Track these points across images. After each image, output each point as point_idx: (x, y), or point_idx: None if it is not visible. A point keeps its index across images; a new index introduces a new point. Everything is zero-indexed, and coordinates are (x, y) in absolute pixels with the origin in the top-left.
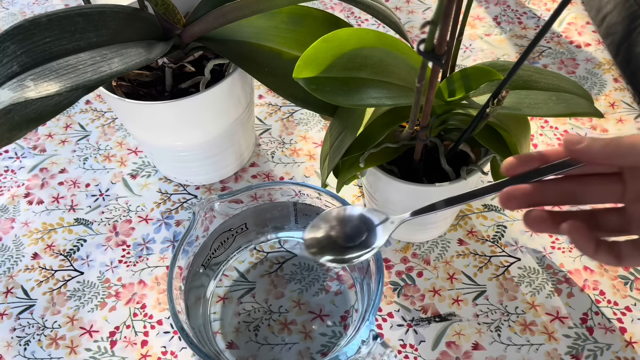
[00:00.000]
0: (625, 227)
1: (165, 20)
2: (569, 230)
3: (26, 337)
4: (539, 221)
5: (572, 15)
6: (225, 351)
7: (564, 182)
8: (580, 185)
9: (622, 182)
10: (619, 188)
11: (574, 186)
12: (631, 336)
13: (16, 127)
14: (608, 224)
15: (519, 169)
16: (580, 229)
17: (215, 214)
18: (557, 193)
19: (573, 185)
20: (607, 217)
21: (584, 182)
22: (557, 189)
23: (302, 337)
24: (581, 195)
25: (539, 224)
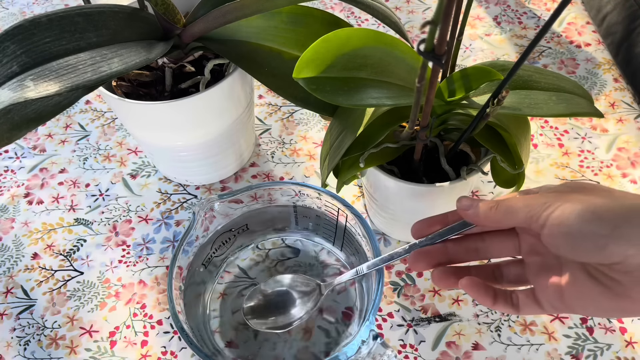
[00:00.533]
0: (524, 277)
1: (165, 20)
2: (465, 285)
3: (26, 337)
4: (443, 278)
5: (572, 15)
6: (225, 350)
7: (466, 240)
8: (481, 242)
9: (518, 237)
10: (515, 242)
11: (476, 243)
12: (631, 336)
13: (16, 127)
14: (509, 276)
15: (424, 232)
16: (476, 285)
17: (215, 214)
18: (461, 252)
19: (475, 243)
20: (509, 269)
21: (484, 239)
22: (461, 247)
23: (303, 335)
24: (483, 250)
25: (444, 280)
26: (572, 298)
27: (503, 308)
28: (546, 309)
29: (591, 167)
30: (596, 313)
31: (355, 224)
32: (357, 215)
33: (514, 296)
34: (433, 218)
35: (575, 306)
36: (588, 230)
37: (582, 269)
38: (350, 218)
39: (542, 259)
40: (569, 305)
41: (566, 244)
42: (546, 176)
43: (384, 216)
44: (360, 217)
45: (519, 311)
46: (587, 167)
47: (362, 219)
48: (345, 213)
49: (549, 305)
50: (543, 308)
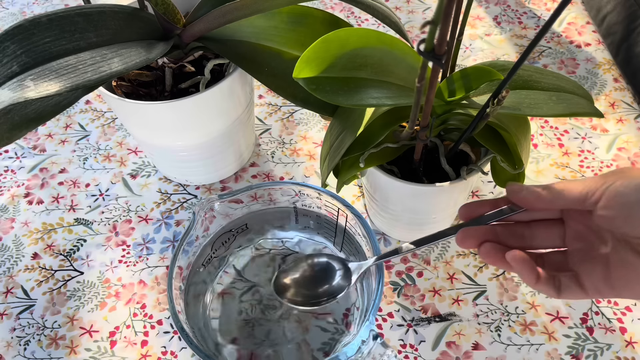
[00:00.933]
0: (567, 265)
1: (165, 20)
2: (512, 258)
3: (26, 337)
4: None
5: (572, 15)
6: (225, 348)
7: (514, 226)
8: (528, 229)
9: (564, 226)
10: (561, 231)
11: (523, 229)
12: (631, 336)
13: (16, 127)
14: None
15: (473, 213)
16: (523, 259)
17: (215, 214)
18: (507, 235)
19: (522, 229)
20: (552, 256)
21: (531, 227)
22: (508, 231)
23: (303, 334)
24: (529, 237)
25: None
26: (620, 280)
27: (545, 288)
28: (590, 294)
29: (591, 167)
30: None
31: (355, 224)
32: (357, 215)
33: (556, 279)
34: (482, 201)
35: (623, 289)
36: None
37: (630, 250)
38: (350, 218)
39: (588, 244)
40: (616, 288)
41: (622, 214)
42: (546, 176)
43: (384, 216)
44: (360, 217)
45: (560, 294)
46: (587, 167)
47: (362, 219)
48: (345, 213)
49: (593, 289)
50: (587, 292)
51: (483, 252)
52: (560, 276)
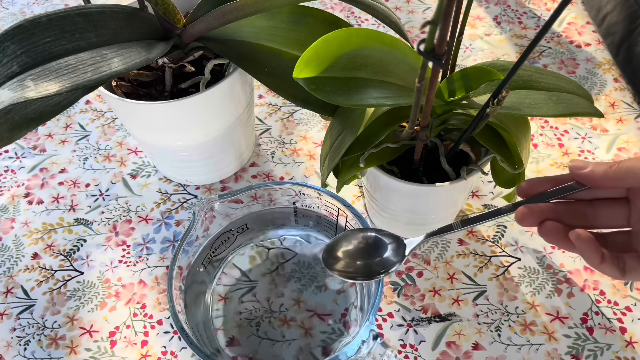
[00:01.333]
0: (631, 245)
1: (165, 20)
2: (577, 237)
3: (26, 337)
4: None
5: (572, 15)
6: (225, 349)
7: (576, 204)
8: (590, 208)
9: (628, 205)
10: (626, 211)
11: (585, 208)
12: (631, 336)
13: (16, 127)
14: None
15: (533, 190)
16: (587, 239)
17: (215, 214)
18: (569, 213)
19: (584, 208)
20: (616, 237)
21: (594, 205)
22: (570, 210)
23: (303, 334)
24: (592, 216)
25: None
26: None
27: (609, 269)
28: None
29: None
30: None
31: (355, 224)
32: (357, 215)
33: (620, 260)
34: (544, 178)
35: None
36: None
37: None
38: (350, 218)
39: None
40: None
41: None
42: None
43: (384, 216)
44: (360, 217)
45: (624, 275)
46: None
47: (362, 219)
48: (345, 213)
49: None
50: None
51: (544, 231)
52: (624, 257)
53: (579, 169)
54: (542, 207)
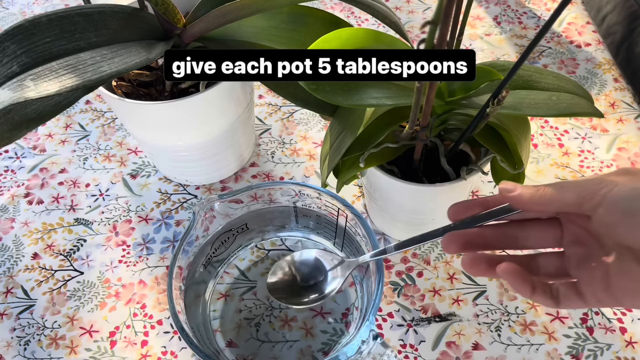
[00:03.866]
0: (564, 270)
1: (165, 20)
2: (504, 271)
3: (26, 337)
4: (474, 264)
5: (572, 15)
6: (225, 350)
7: (505, 227)
8: (521, 230)
9: (560, 226)
10: (558, 233)
11: (515, 230)
12: (631, 336)
13: (16, 127)
14: (548, 268)
15: (462, 214)
16: (515, 272)
17: (215, 214)
18: (498, 237)
19: (514, 230)
20: (547, 261)
21: (524, 227)
22: (499, 233)
23: (303, 335)
24: (523, 239)
25: (475, 266)
26: (621, 288)
27: (542, 299)
28: (589, 302)
29: (591, 167)
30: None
31: (355, 224)
32: (357, 215)
33: (553, 288)
34: (473, 201)
35: (623, 297)
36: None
37: (632, 257)
38: (350, 218)
39: (587, 249)
40: (616, 297)
41: (624, 222)
42: (546, 176)
43: (384, 216)
44: (360, 217)
45: (559, 304)
46: (587, 167)
47: (362, 219)
48: (345, 213)
49: (592, 297)
50: (586, 301)
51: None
52: (557, 285)
53: (508, 191)
54: (468, 234)
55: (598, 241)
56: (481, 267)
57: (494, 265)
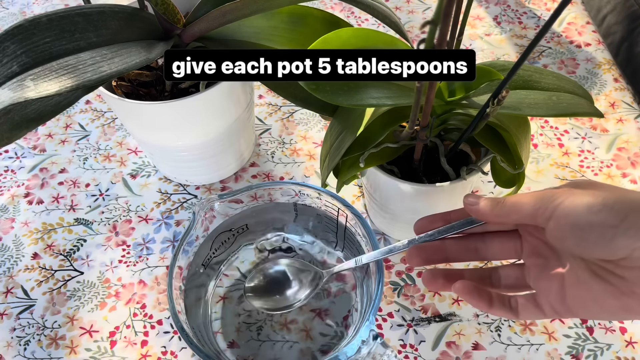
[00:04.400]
0: (523, 281)
1: (165, 20)
2: (458, 289)
3: (26, 337)
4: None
5: (572, 15)
6: (226, 351)
7: (467, 240)
8: (481, 243)
9: (520, 238)
10: (517, 244)
11: (476, 243)
12: (631, 336)
13: (16, 127)
14: (508, 279)
15: (425, 228)
16: (469, 289)
17: (215, 214)
18: (460, 250)
19: (475, 243)
20: (507, 272)
21: (485, 240)
22: (460, 246)
23: (303, 337)
24: (483, 251)
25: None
26: (575, 299)
27: (500, 312)
28: (547, 313)
29: (591, 167)
30: (599, 315)
31: (355, 224)
32: (357, 215)
33: (512, 300)
34: (436, 215)
35: (578, 308)
36: (596, 220)
37: (585, 268)
38: (350, 218)
39: (544, 261)
40: (571, 308)
41: (573, 236)
42: (546, 176)
43: (384, 216)
44: (360, 217)
45: (517, 316)
46: (587, 167)
47: (362, 219)
48: (345, 213)
49: (550, 308)
50: (544, 312)
51: (425, 280)
52: (516, 297)
53: (471, 204)
54: (429, 247)
55: (554, 252)
56: (439, 282)
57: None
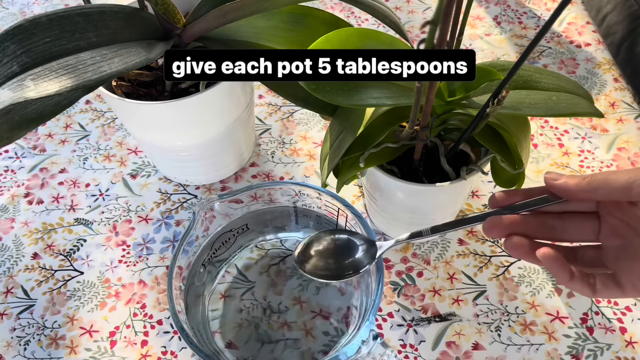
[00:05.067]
0: (601, 261)
1: (165, 20)
2: (543, 256)
3: (26, 337)
4: (518, 246)
5: (572, 15)
6: (225, 350)
7: (545, 216)
8: (560, 221)
9: (598, 219)
10: (596, 225)
11: (554, 221)
12: (631, 336)
13: (16, 127)
14: (586, 258)
15: (505, 202)
16: (555, 257)
17: (215, 214)
18: (538, 226)
19: (553, 220)
20: (586, 252)
21: (563, 219)
22: (539, 222)
23: (303, 335)
24: (561, 230)
25: (518, 249)
26: None
27: (579, 287)
28: (628, 292)
29: (591, 167)
30: None
31: (355, 224)
32: (357, 215)
33: (591, 277)
34: (515, 190)
35: None
36: None
37: None
38: (350, 218)
39: (625, 241)
40: None
41: None
42: None
43: (384, 216)
44: (360, 217)
45: (595, 293)
46: (587, 167)
47: (362, 219)
48: (345, 213)
49: (632, 287)
50: (624, 291)
51: (510, 245)
52: (595, 274)
53: (553, 180)
54: (510, 219)
55: (636, 232)
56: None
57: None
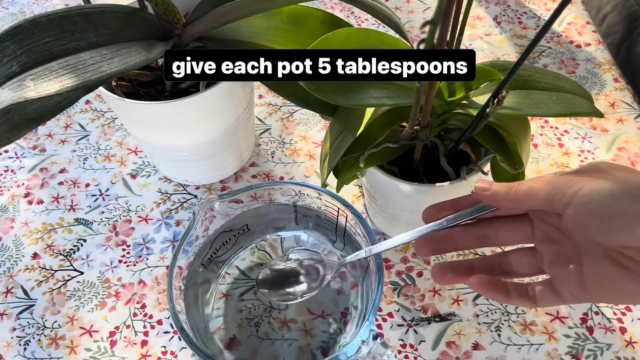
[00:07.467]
0: (537, 267)
1: (165, 20)
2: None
3: (26, 337)
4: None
5: (572, 15)
6: (225, 350)
7: (475, 226)
8: (491, 229)
9: (531, 223)
10: (527, 229)
11: (486, 230)
12: (631, 336)
13: (16, 127)
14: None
15: (434, 216)
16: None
17: (215, 214)
18: (469, 237)
19: (484, 229)
20: (520, 259)
21: (494, 226)
22: (469, 233)
23: (303, 334)
24: (493, 237)
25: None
26: (595, 285)
27: (519, 302)
28: (566, 299)
29: None
30: (620, 300)
31: (355, 224)
32: (357, 215)
33: (529, 288)
34: (445, 203)
35: (598, 293)
36: (619, 208)
37: (604, 255)
38: (350, 218)
39: (559, 247)
40: (591, 293)
41: (594, 223)
42: None
43: (384, 216)
44: (360, 217)
45: (536, 304)
46: None
47: (362, 219)
48: (345, 213)
49: (569, 294)
50: (562, 298)
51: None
52: (533, 285)
53: (483, 190)
54: (438, 236)
55: (569, 239)
56: (448, 276)
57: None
